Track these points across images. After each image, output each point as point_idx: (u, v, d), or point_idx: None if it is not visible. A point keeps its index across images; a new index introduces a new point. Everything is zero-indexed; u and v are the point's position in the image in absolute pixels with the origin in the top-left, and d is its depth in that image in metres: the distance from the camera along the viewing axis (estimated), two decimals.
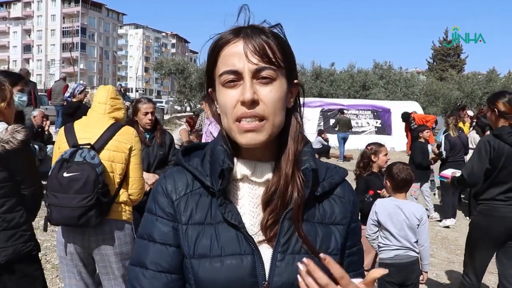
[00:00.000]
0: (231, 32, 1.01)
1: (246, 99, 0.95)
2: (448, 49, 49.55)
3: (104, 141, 2.91)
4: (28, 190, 2.70)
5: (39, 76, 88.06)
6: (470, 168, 3.74)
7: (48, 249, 5.40)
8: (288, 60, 1.03)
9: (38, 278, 2.78)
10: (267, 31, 1.01)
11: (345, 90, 29.15)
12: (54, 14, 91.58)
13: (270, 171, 1.06)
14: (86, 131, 2.96)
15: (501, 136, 3.58)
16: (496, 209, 3.65)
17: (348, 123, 16.11)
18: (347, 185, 1.15)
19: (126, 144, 2.99)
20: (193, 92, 27.88)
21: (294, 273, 0.97)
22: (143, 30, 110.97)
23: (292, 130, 1.06)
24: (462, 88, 29.57)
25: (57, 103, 14.53)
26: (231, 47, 0.99)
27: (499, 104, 3.65)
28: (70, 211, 2.65)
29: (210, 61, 1.04)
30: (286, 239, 1.01)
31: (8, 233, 2.59)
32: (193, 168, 1.08)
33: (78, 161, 2.70)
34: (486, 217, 3.71)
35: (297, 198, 1.01)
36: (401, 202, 3.61)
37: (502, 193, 3.62)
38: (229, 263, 0.99)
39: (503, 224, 3.62)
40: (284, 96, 1.01)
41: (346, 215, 1.10)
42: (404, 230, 3.52)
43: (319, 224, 1.06)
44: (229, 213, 1.01)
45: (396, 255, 3.55)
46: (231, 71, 0.98)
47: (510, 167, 3.59)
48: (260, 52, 0.97)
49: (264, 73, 0.97)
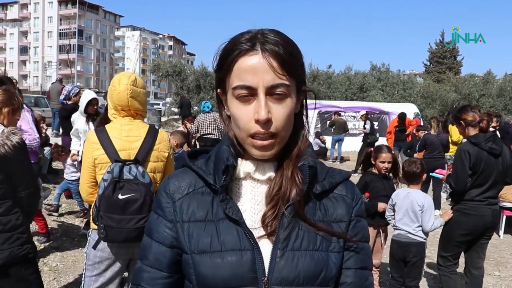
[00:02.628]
0: (246, 40, 1.00)
1: (261, 119, 0.97)
2: (445, 51, 49.62)
3: (146, 153, 2.80)
4: (24, 193, 2.69)
5: (36, 78, 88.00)
6: (456, 177, 4.14)
7: (46, 251, 5.38)
8: (301, 70, 1.05)
9: (34, 281, 2.77)
10: (281, 42, 1.00)
11: (343, 92, 29.18)
12: (51, 16, 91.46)
13: (273, 170, 1.09)
14: (123, 139, 2.79)
15: (479, 144, 4.06)
16: (475, 209, 4.14)
17: (344, 125, 16.20)
18: (350, 184, 1.16)
19: (165, 153, 2.91)
20: (190, 94, 27.87)
21: (293, 269, 1.00)
22: (140, 32, 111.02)
23: (297, 133, 1.10)
24: (459, 90, 29.67)
25: (55, 106, 14.50)
26: (246, 60, 0.99)
27: (464, 115, 4.18)
28: (127, 232, 2.57)
29: (223, 67, 1.03)
30: (286, 234, 1.03)
31: (4, 235, 2.58)
32: (197, 168, 1.11)
33: (129, 179, 2.59)
34: (466, 215, 4.17)
35: (296, 193, 1.03)
36: (411, 191, 4.18)
37: (479, 194, 4.12)
38: (229, 259, 1.01)
39: (479, 222, 4.16)
40: (293, 109, 1.04)
41: (349, 212, 1.11)
42: (408, 214, 4.09)
43: (320, 222, 1.06)
44: (230, 209, 1.04)
45: (399, 234, 4.18)
46: (245, 87, 0.98)
47: (487, 171, 4.08)
48: (275, 68, 0.97)
49: (278, 90, 0.98)
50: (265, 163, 1.09)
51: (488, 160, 4.06)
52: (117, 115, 2.86)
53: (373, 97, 27.96)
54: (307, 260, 1.02)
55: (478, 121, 4.17)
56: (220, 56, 1.04)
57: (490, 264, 6.07)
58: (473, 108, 4.35)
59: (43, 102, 19.86)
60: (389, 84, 30.00)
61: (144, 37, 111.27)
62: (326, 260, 1.04)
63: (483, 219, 4.15)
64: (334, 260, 1.05)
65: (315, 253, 1.03)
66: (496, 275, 5.73)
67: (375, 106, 21.98)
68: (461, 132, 4.36)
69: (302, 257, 1.02)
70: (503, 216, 7.38)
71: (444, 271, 4.33)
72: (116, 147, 2.73)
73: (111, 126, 2.86)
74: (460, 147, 4.23)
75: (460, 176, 4.08)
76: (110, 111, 2.90)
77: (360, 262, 1.11)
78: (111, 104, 2.88)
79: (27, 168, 2.76)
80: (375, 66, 32.44)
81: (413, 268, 4.10)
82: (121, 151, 2.73)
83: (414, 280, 4.13)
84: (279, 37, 1.01)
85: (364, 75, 30.95)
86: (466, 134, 4.22)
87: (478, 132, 4.15)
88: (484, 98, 28.92)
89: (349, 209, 1.11)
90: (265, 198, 1.07)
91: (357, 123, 20.46)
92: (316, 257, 1.03)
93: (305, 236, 1.04)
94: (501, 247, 6.94)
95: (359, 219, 1.13)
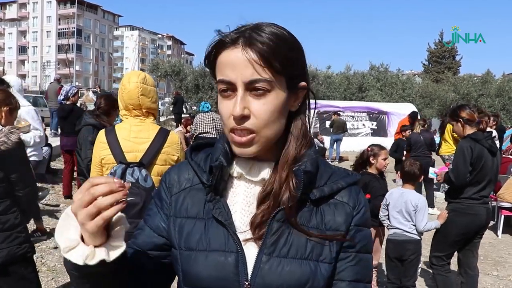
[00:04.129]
0: (231, 34, 0.97)
1: (234, 115, 0.94)
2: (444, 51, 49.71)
3: (153, 156, 2.73)
4: (22, 192, 2.70)
5: (34, 77, 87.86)
6: (457, 172, 4.11)
7: (44, 251, 5.38)
8: (291, 65, 0.98)
9: (33, 280, 2.77)
10: (269, 36, 0.95)
11: (342, 92, 29.20)
12: (49, 16, 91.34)
13: (268, 171, 1.05)
14: (131, 140, 2.75)
15: (480, 140, 4.07)
16: (471, 208, 4.14)
17: (343, 125, 16.23)
18: (355, 190, 1.08)
19: (174, 156, 2.83)
20: (189, 94, 27.85)
21: (277, 277, 0.96)
22: (138, 31, 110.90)
23: (294, 133, 1.04)
24: (458, 90, 29.72)
25: (53, 105, 14.49)
26: (227, 54, 0.96)
27: (462, 114, 4.18)
28: (126, 236, 2.57)
29: (208, 61, 1.02)
30: (273, 240, 0.99)
31: (3, 235, 2.58)
32: (195, 164, 1.09)
33: (131, 181, 2.53)
34: (462, 215, 4.16)
35: (288, 198, 0.99)
36: (405, 191, 4.21)
37: (476, 192, 4.12)
38: (213, 259, 0.99)
39: (475, 221, 4.17)
40: (280, 106, 0.98)
41: (347, 221, 1.04)
42: (402, 214, 4.10)
43: (314, 229, 1.01)
44: (217, 210, 1.02)
45: (394, 233, 4.19)
46: (225, 81, 0.96)
47: (485, 169, 4.08)
48: (255, 62, 0.93)
49: (258, 85, 0.94)
50: (260, 163, 1.05)
51: (487, 158, 4.08)
52: (129, 115, 2.82)
53: (372, 97, 27.99)
54: (293, 269, 0.97)
55: (477, 121, 4.18)
56: (207, 50, 1.02)
57: (488, 264, 6.09)
58: (471, 107, 4.36)
59: (41, 101, 19.88)
60: (388, 84, 30.02)
61: (142, 37, 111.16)
62: (314, 270, 0.98)
63: (478, 218, 4.16)
64: (323, 271, 0.99)
65: (302, 262, 0.98)
66: (494, 274, 5.74)
67: (374, 106, 22.01)
68: (457, 130, 4.34)
69: (288, 265, 0.97)
70: (501, 216, 7.39)
71: (439, 271, 4.33)
72: (123, 149, 2.70)
73: (121, 126, 2.83)
74: (462, 142, 4.19)
75: (461, 170, 4.06)
76: (122, 112, 2.86)
77: (355, 274, 1.04)
78: (122, 104, 2.83)
79: (25, 167, 2.77)
80: (374, 66, 32.46)
81: (410, 266, 4.11)
82: (128, 152, 2.70)
83: (411, 279, 4.14)
84: (269, 31, 0.96)
85: (363, 75, 30.97)
86: (464, 133, 4.21)
87: (476, 131, 4.17)
88: (482, 98, 28.97)
89: (348, 218, 1.04)
90: (256, 200, 1.03)
91: (355, 123, 20.50)
92: (303, 266, 0.98)
93: (294, 243, 0.99)
94: (499, 246, 6.95)
95: (360, 229, 1.06)
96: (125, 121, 2.83)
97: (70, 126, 6.72)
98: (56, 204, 7.50)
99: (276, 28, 0.98)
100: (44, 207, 7.05)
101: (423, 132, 9.47)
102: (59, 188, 8.36)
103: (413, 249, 4.11)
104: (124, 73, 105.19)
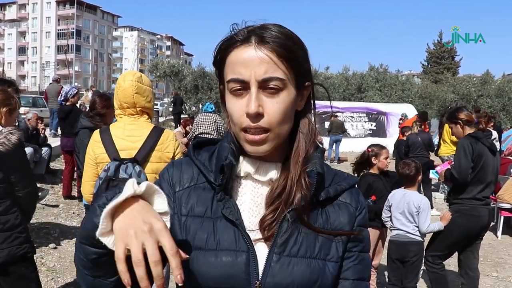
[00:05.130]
0: (242, 33, 0.98)
1: (250, 112, 0.94)
2: (443, 52, 49.79)
3: (147, 153, 2.74)
4: (22, 192, 2.70)
5: (34, 78, 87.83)
6: (459, 168, 4.13)
7: (44, 251, 5.37)
8: (299, 64, 0.99)
9: (33, 280, 2.78)
10: (278, 35, 0.96)
11: (341, 93, 29.21)
12: (49, 16, 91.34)
13: (275, 171, 1.05)
14: (125, 138, 2.76)
15: (480, 138, 4.10)
16: (474, 209, 4.15)
17: (342, 126, 16.24)
18: (355, 191, 1.12)
19: (169, 153, 2.82)
20: (188, 95, 27.85)
21: (288, 276, 0.97)
22: (138, 32, 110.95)
23: (303, 132, 1.05)
24: (457, 90, 29.75)
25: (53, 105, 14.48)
26: (239, 53, 0.97)
27: (461, 116, 4.22)
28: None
29: (219, 60, 1.02)
30: (284, 239, 1.00)
31: (3, 235, 2.58)
32: (200, 163, 1.08)
33: (124, 178, 2.55)
34: (465, 217, 4.17)
35: (300, 198, 1.00)
36: (407, 192, 4.19)
37: (479, 192, 4.13)
38: (223, 259, 0.99)
39: (478, 223, 4.19)
40: (292, 104, 1.00)
41: (351, 221, 1.07)
42: (405, 215, 4.10)
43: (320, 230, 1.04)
44: (227, 209, 1.01)
45: (397, 234, 4.19)
46: (237, 80, 0.96)
47: (486, 167, 4.11)
48: (268, 61, 0.94)
49: (272, 84, 0.95)
50: (268, 163, 1.06)
51: (487, 157, 4.09)
52: (123, 114, 2.84)
53: (371, 98, 28.01)
54: (303, 268, 0.99)
55: (475, 122, 4.20)
56: (217, 49, 1.02)
57: (488, 265, 6.09)
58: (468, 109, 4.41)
59: (41, 102, 19.86)
60: (387, 84, 30.06)
61: (142, 38, 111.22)
62: (322, 269, 1.01)
63: (481, 220, 4.16)
64: (331, 269, 1.02)
65: (312, 261, 1.00)
66: (494, 276, 5.74)
67: (373, 106, 22.00)
68: (457, 132, 4.35)
69: (298, 264, 0.99)
70: (500, 217, 7.40)
71: (434, 268, 4.33)
72: (117, 147, 2.72)
73: (115, 125, 2.85)
74: (462, 140, 4.20)
75: (463, 165, 4.06)
76: (117, 111, 2.88)
77: (358, 273, 1.08)
78: (117, 104, 2.84)
79: (25, 168, 2.77)
80: (373, 66, 32.50)
81: (412, 268, 4.10)
82: (122, 150, 2.71)
83: (413, 280, 4.13)
84: (277, 30, 0.97)
85: (362, 75, 30.99)
86: (464, 134, 4.22)
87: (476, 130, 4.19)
88: (482, 98, 29.00)
89: (352, 218, 1.07)
90: (265, 200, 1.03)
91: (354, 124, 20.50)
92: (312, 265, 1.00)
93: (303, 242, 1.01)
94: (499, 248, 6.95)
95: (362, 229, 1.09)
96: (120, 120, 2.86)
97: (70, 126, 6.72)
98: (55, 204, 7.49)
99: (284, 28, 0.99)
100: (43, 207, 7.05)
101: (421, 133, 9.53)
102: (58, 188, 8.36)
103: (416, 250, 4.11)
104: None
